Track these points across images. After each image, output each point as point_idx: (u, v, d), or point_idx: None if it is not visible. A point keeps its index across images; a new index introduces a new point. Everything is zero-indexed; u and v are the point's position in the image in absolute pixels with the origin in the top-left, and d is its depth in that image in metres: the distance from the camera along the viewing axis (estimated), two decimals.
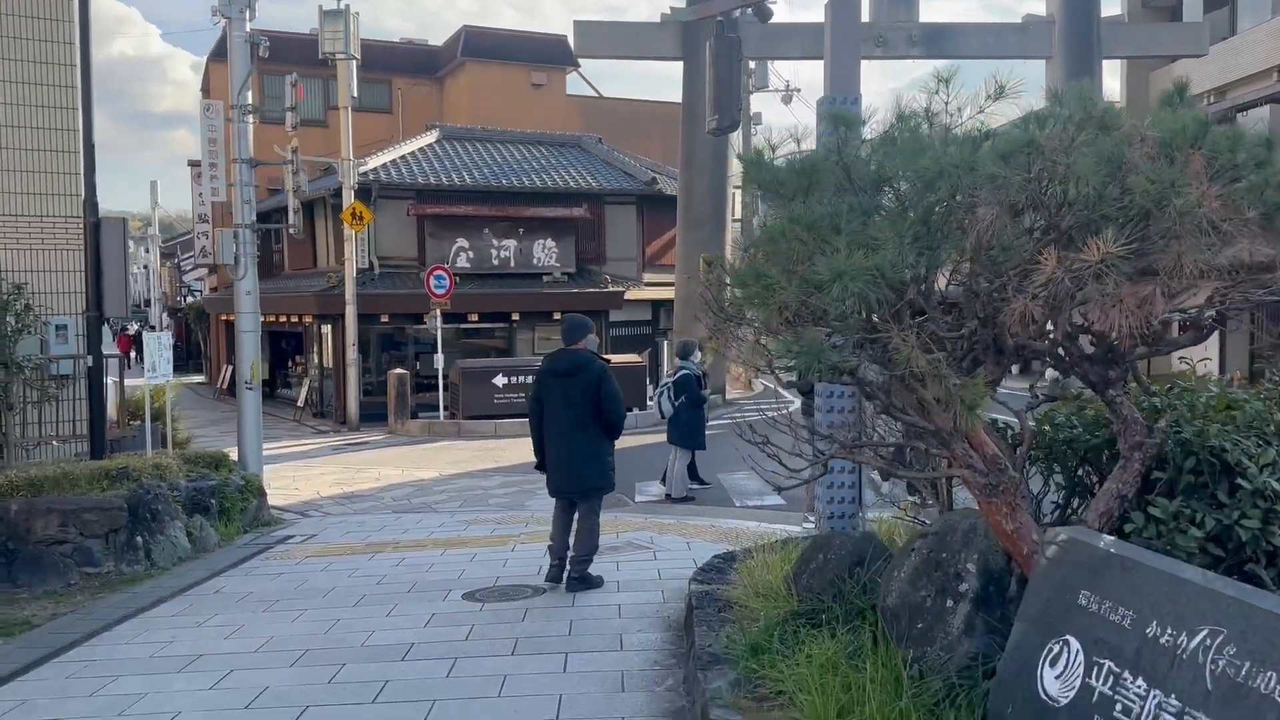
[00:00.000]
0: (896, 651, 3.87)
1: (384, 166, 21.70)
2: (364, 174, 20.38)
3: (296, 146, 12.94)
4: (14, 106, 9.68)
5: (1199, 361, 4.63)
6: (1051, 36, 20.62)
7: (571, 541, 6.61)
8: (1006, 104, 3.52)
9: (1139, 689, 2.76)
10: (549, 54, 31.07)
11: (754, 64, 28.79)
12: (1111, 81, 26.10)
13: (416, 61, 31.81)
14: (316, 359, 23.06)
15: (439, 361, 19.10)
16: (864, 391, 3.56)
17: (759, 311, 3.14)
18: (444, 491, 12.00)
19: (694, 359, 11.28)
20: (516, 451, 15.31)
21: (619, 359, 17.03)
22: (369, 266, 20.91)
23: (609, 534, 7.93)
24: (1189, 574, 2.84)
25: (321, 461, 15.27)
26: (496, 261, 21.80)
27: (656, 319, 25.21)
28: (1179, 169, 2.96)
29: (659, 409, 11.04)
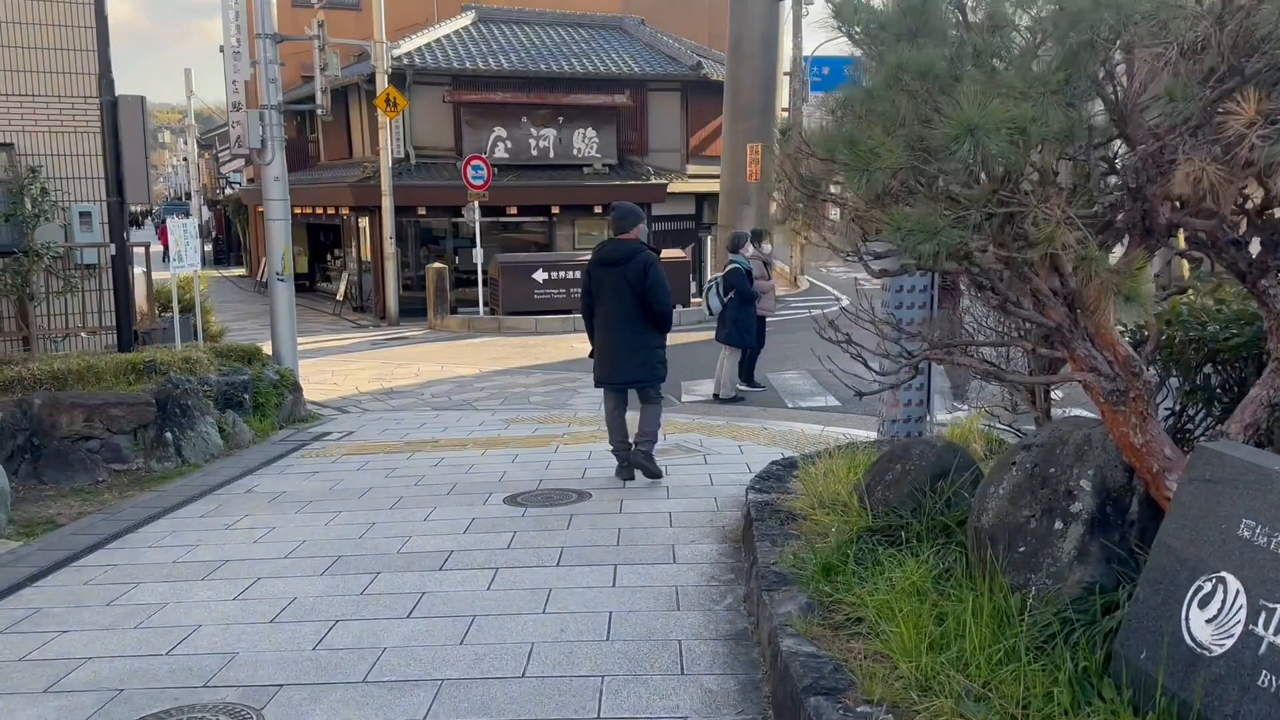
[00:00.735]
0: (992, 578, 3.40)
1: (418, 50, 20.81)
2: (398, 58, 19.55)
3: (323, 21, 12.23)
4: None
5: None
6: None
7: (634, 433, 6.52)
8: None
9: None
10: None
11: None
12: None
13: None
14: (355, 252, 22.68)
15: (478, 256, 18.61)
16: (975, 282, 2.98)
17: (854, 183, 2.56)
18: (484, 389, 11.65)
19: (743, 252, 10.65)
20: (557, 348, 14.93)
21: (665, 254, 16.41)
22: (405, 157, 20.30)
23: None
24: None
25: (361, 356, 15.00)
26: (535, 152, 21.04)
27: (700, 213, 24.40)
28: None
29: (706, 306, 10.47)
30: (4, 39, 8.97)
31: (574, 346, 14.77)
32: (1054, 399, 4.28)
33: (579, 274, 18.69)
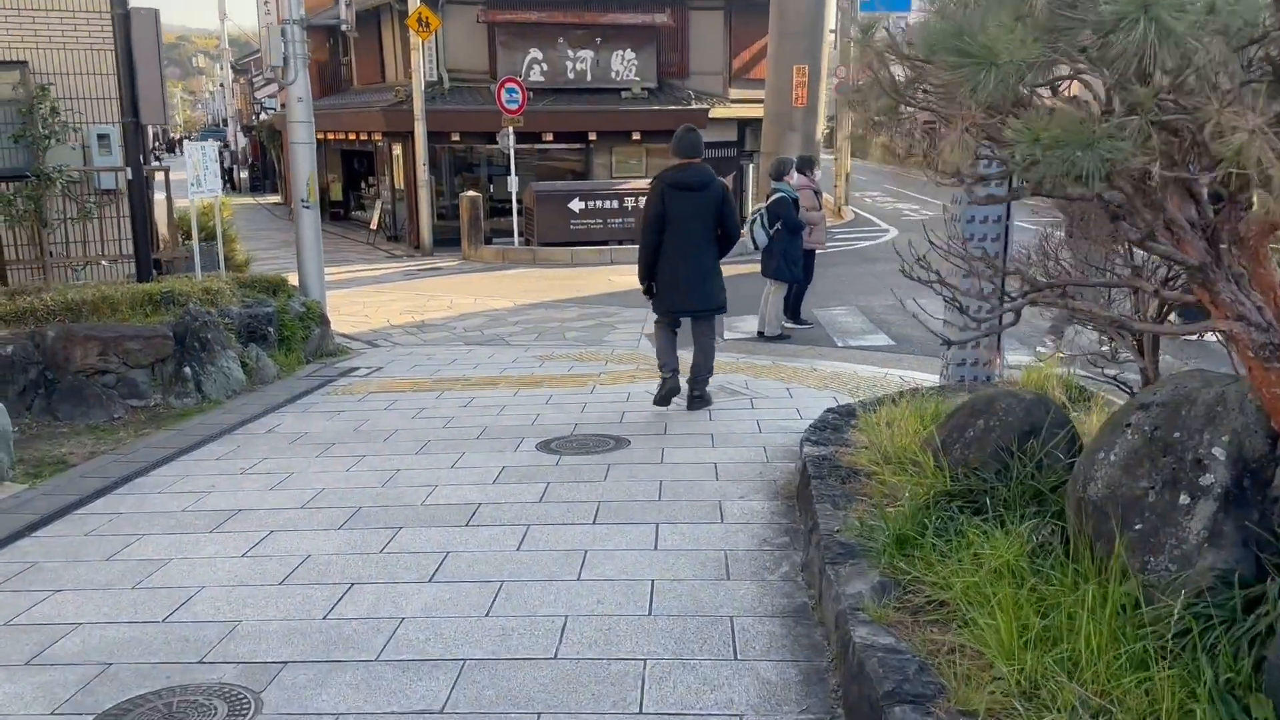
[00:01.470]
0: (1103, 561, 2.91)
1: None
2: None
3: None
4: None
5: None
6: None
7: (689, 366, 6.52)
8: None
9: None
10: None
11: None
12: None
13: None
14: (389, 180, 22.20)
15: (512, 184, 18.04)
16: (1111, 212, 2.43)
17: (973, 83, 2.01)
18: (518, 323, 11.22)
19: (789, 180, 9.97)
20: (594, 281, 14.42)
21: None
22: (438, 80, 19.64)
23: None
24: None
25: (393, 287, 14.62)
26: (572, 75, 20.26)
27: (742, 140, 23.53)
28: None
29: (751, 239, 9.75)
30: None
31: (610, 279, 14.26)
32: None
33: (616, 204, 18.16)
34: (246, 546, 4.20)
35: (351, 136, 23.44)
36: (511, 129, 17.59)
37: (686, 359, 6.52)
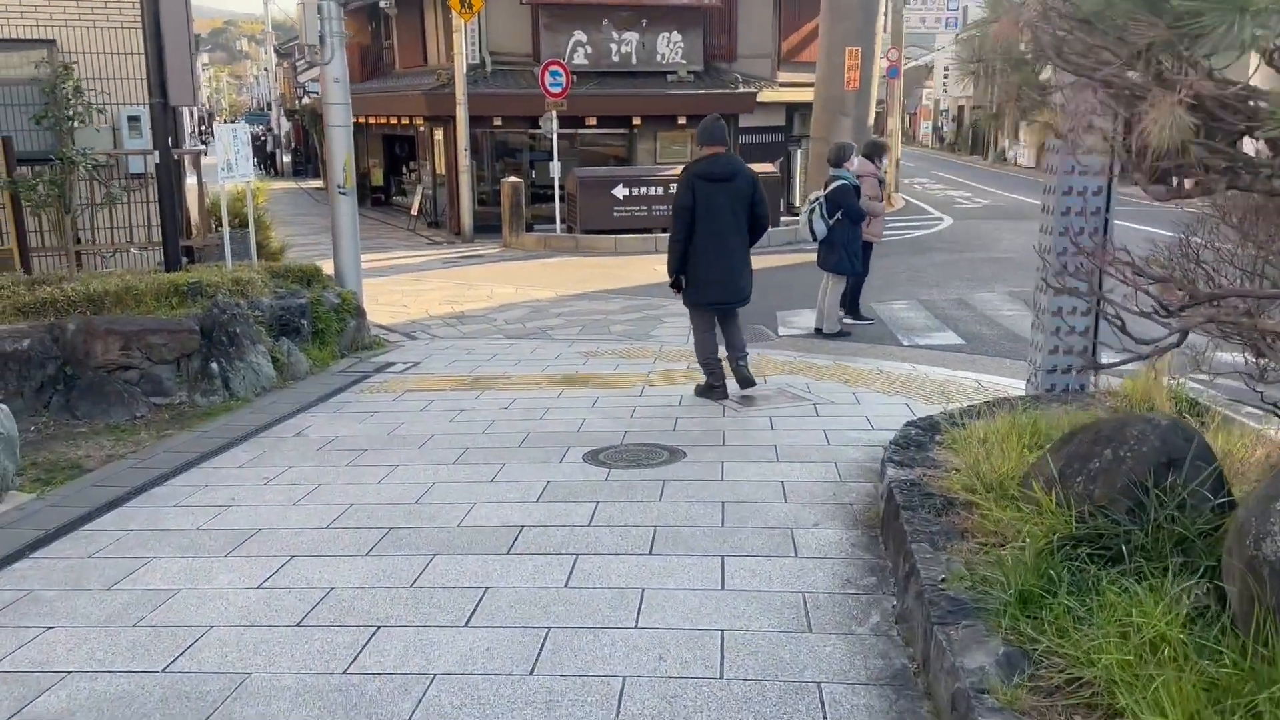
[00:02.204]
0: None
1: None
2: None
3: None
4: None
5: None
6: None
7: (726, 354, 6.49)
8: None
9: None
10: None
11: None
12: None
13: None
14: (430, 166, 21.81)
15: (555, 170, 17.56)
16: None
17: (1214, 37, 1.47)
18: (561, 315, 10.74)
19: (848, 166, 9.36)
20: (638, 270, 13.92)
21: (756, 169, 15.16)
22: (480, 63, 19.19)
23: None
24: None
25: (433, 276, 14.22)
26: (617, 58, 19.69)
27: (790, 124, 22.83)
28: None
29: (810, 231, 9.12)
30: None
31: (655, 269, 13.71)
32: None
33: (661, 190, 17.57)
34: (263, 575, 3.76)
35: (392, 120, 23.10)
36: (555, 113, 17.10)
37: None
